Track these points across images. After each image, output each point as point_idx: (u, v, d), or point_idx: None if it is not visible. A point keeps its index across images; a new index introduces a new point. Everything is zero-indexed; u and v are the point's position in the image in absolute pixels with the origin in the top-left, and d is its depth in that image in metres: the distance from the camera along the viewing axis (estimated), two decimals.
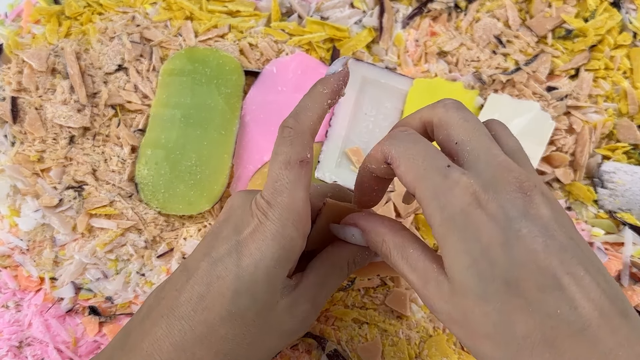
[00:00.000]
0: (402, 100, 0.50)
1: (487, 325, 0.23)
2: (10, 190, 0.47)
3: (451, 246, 0.24)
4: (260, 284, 0.27)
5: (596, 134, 0.49)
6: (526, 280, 0.22)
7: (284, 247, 0.27)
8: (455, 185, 0.24)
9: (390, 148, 0.27)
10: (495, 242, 0.23)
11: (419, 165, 0.25)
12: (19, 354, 0.43)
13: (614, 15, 0.51)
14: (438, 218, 0.24)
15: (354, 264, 0.32)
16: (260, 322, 0.28)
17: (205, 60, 0.49)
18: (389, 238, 0.28)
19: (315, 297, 0.30)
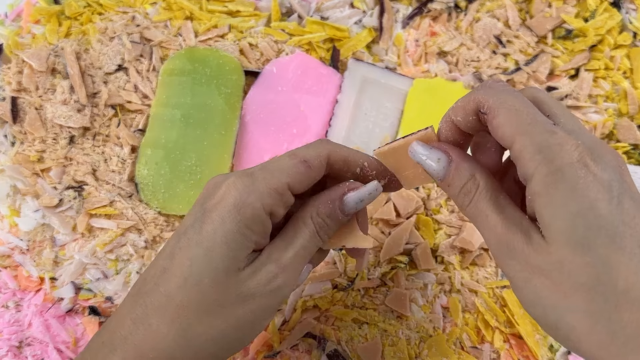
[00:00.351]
0: (402, 100, 0.50)
1: (587, 275, 0.22)
2: (10, 190, 0.47)
3: (558, 196, 0.23)
4: (218, 249, 0.26)
5: (596, 134, 0.49)
6: (630, 237, 0.22)
7: (245, 214, 0.27)
8: (565, 142, 0.23)
9: (487, 97, 0.25)
10: (601, 198, 0.23)
11: (523, 118, 0.24)
12: (19, 354, 0.43)
13: (614, 15, 0.51)
14: (544, 170, 0.23)
15: (318, 217, 0.29)
16: (220, 289, 0.27)
17: (205, 60, 0.49)
18: (482, 175, 0.27)
19: (281, 258, 0.28)
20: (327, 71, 0.50)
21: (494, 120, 0.25)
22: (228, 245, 0.27)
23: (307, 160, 0.29)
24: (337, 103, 0.49)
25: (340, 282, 0.45)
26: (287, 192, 0.28)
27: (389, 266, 0.45)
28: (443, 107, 0.49)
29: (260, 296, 0.28)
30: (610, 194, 0.23)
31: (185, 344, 0.26)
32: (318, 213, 0.29)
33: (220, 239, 0.27)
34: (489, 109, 0.25)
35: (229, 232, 0.27)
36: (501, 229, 0.25)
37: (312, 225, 0.29)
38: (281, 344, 0.43)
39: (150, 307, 0.27)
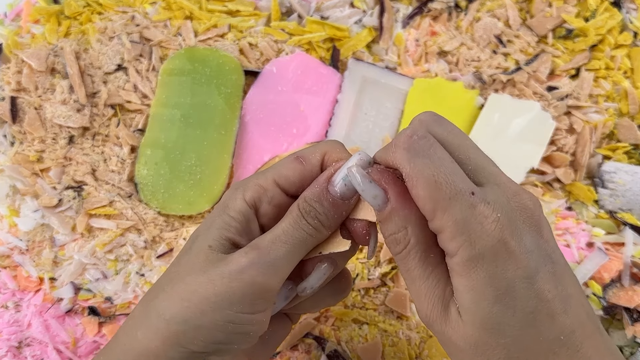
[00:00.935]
0: (402, 100, 0.50)
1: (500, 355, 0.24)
2: (9, 190, 0.47)
3: (477, 282, 0.23)
4: (201, 235, 0.27)
5: (597, 134, 0.49)
6: (540, 311, 0.23)
7: (228, 205, 0.27)
8: (485, 219, 0.23)
9: (404, 163, 0.24)
10: (519, 277, 0.23)
11: (443, 191, 0.23)
12: (18, 354, 0.43)
13: (615, 15, 0.51)
14: (466, 253, 0.23)
15: (304, 202, 0.27)
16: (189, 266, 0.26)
17: (205, 60, 0.49)
18: (415, 231, 0.25)
19: (258, 242, 0.26)
20: (327, 71, 0.50)
21: (413, 190, 0.24)
22: (205, 226, 0.27)
23: (300, 156, 0.28)
24: (337, 103, 0.49)
25: None
26: (272, 187, 0.27)
27: (389, 266, 0.45)
28: (443, 107, 0.49)
29: (229, 277, 0.25)
30: (527, 273, 0.23)
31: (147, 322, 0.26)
32: (304, 198, 0.27)
33: (203, 223, 0.28)
34: (407, 176, 0.24)
35: (211, 215, 0.28)
36: (424, 298, 0.25)
37: (296, 210, 0.27)
38: (281, 344, 0.43)
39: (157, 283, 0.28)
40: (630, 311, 0.43)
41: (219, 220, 0.27)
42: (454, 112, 0.49)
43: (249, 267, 0.25)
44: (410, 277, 0.26)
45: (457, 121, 0.49)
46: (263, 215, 0.28)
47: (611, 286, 0.44)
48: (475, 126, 0.48)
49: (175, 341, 0.25)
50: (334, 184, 0.27)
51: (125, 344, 0.26)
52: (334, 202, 0.27)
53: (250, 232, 0.27)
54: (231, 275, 0.25)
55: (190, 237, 0.28)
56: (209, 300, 0.25)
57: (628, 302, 0.43)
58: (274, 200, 0.28)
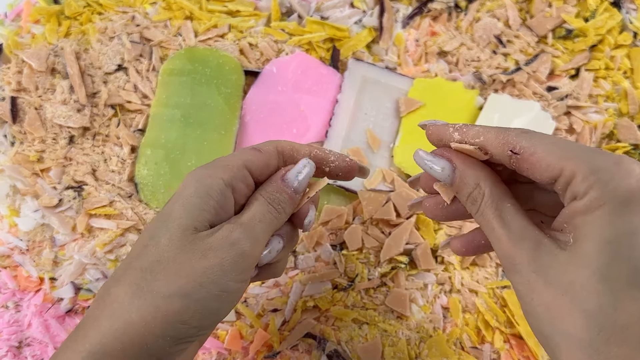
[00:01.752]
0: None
1: (593, 303, 0.22)
2: (9, 190, 0.47)
3: (599, 218, 0.22)
4: (175, 213, 0.28)
5: (596, 134, 0.49)
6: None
7: (204, 182, 0.29)
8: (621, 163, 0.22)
9: (519, 138, 0.25)
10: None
11: (566, 146, 0.23)
12: (18, 354, 0.43)
13: (615, 15, 0.51)
14: (597, 191, 0.22)
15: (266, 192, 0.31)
16: (176, 246, 0.27)
17: (205, 60, 0.49)
18: (488, 183, 0.26)
19: (239, 218, 0.29)
20: (327, 71, 0.50)
21: (532, 157, 0.24)
22: (184, 208, 0.28)
23: (258, 147, 0.31)
24: (337, 103, 0.49)
25: (340, 282, 0.44)
26: (243, 170, 0.30)
27: (389, 266, 0.45)
28: (443, 107, 0.49)
29: (220, 249, 0.27)
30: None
31: (143, 302, 0.26)
32: (265, 189, 0.31)
33: (178, 205, 0.28)
34: (522, 148, 0.24)
35: (186, 197, 0.28)
36: (506, 242, 0.25)
37: (261, 197, 0.30)
38: (281, 344, 0.43)
39: (112, 280, 0.28)
40: None
41: (199, 202, 0.28)
42: (454, 112, 0.49)
43: (238, 240, 0.28)
44: (490, 227, 0.25)
45: (457, 121, 0.49)
46: (237, 192, 0.30)
47: None
48: None
49: (177, 318, 0.26)
50: (288, 178, 0.31)
51: (117, 329, 0.26)
52: (290, 195, 0.31)
53: (225, 210, 0.29)
54: (223, 248, 0.27)
55: (159, 218, 0.29)
56: (205, 273, 0.27)
57: None
58: (245, 180, 0.30)
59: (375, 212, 0.46)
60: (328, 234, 0.46)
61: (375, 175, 0.48)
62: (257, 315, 0.44)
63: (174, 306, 0.26)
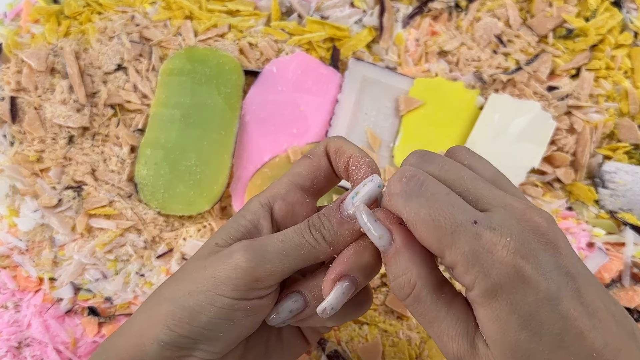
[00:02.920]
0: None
1: None
2: (9, 190, 0.47)
3: (500, 311, 0.23)
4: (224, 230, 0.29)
5: (597, 133, 0.49)
6: (568, 331, 0.22)
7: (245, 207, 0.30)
8: (493, 247, 0.23)
9: (401, 209, 0.24)
10: (541, 300, 0.23)
11: (444, 228, 0.23)
12: (18, 354, 0.43)
13: (615, 15, 0.51)
14: (482, 285, 0.23)
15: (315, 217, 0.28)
16: (194, 258, 0.29)
17: (204, 60, 0.49)
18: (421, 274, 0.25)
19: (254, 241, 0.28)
20: (327, 71, 0.50)
21: (415, 233, 0.24)
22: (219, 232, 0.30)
23: (308, 153, 0.30)
24: (337, 103, 0.49)
25: None
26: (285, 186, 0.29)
27: None
28: (443, 107, 0.49)
29: (217, 261, 0.27)
30: (548, 295, 0.22)
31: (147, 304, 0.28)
32: (317, 214, 0.28)
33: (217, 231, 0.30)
34: (407, 222, 0.24)
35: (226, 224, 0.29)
36: (447, 339, 0.25)
37: (305, 221, 0.28)
38: None
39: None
40: (631, 311, 0.43)
41: (231, 222, 0.29)
42: (454, 112, 0.49)
43: (236, 251, 0.26)
44: (427, 321, 0.25)
45: (458, 121, 0.49)
46: (277, 211, 0.29)
47: (612, 286, 0.44)
48: (475, 126, 0.48)
49: (164, 322, 0.26)
50: (346, 201, 0.27)
51: (129, 329, 0.28)
52: (339, 220, 0.27)
53: (259, 230, 0.28)
54: (220, 259, 0.27)
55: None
56: (196, 281, 0.27)
57: (628, 302, 0.43)
58: (288, 197, 0.29)
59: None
60: None
61: None
62: None
63: (162, 309, 0.27)
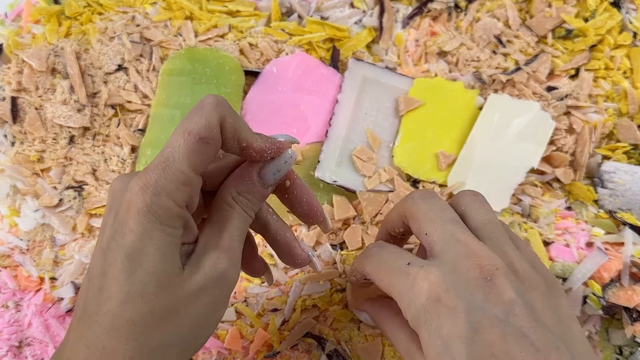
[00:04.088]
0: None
1: None
2: (10, 190, 0.47)
3: (422, 339, 0.26)
4: (150, 257, 0.25)
5: (596, 133, 0.49)
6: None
7: (161, 215, 0.25)
8: (414, 281, 0.26)
9: (363, 266, 0.31)
10: (455, 336, 0.24)
11: (387, 271, 0.29)
12: (18, 354, 0.43)
13: (614, 15, 0.51)
14: (409, 315, 0.26)
15: (240, 196, 0.28)
16: (166, 294, 0.25)
17: (205, 60, 0.49)
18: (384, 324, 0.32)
19: (219, 243, 0.27)
20: (327, 71, 0.50)
21: (374, 281, 0.30)
22: (158, 249, 0.25)
23: (204, 137, 0.25)
24: (337, 103, 0.49)
25: (340, 282, 0.45)
26: (193, 178, 0.26)
27: None
28: (443, 107, 0.49)
29: (211, 286, 0.27)
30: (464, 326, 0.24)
31: (146, 358, 0.25)
32: (239, 192, 0.28)
33: (149, 246, 0.25)
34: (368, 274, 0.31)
35: (153, 236, 0.25)
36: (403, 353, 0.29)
37: (236, 205, 0.28)
38: (281, 344, 0.43)
39: (99, 330, 0.25)
40: (630, 311, 0.43)
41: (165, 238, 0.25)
42: (454, 112, 0.49)
43: (226, 272, 0.27)
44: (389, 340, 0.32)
45: (457, 121, 0.49)
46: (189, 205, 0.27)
47: (610, 286, 0.44)
48: (475, 126, 0.48)
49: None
50: (265, 176, 0.29)
51: None
52: (263, 194, 0.29)
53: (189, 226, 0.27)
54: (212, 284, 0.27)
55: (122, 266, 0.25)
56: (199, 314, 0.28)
57: (627, 302, 0.43)
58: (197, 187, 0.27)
59: (374, 212, 0.46)
60: (328, 234, 0.46)
61: (375, 175, 0.48)
62: (257, 314, 0.44)
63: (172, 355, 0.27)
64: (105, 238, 0.26)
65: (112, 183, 0.28)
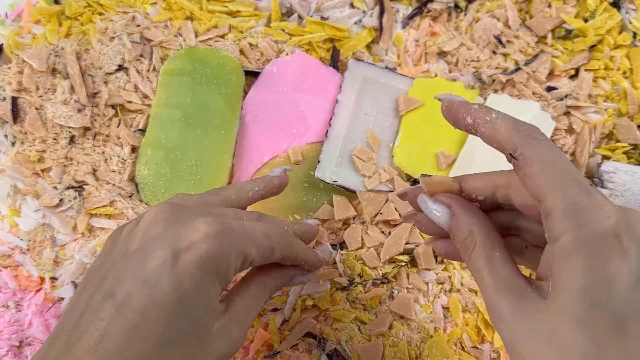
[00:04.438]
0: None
1: (574, 352, 0.22)
2: (10, 190, 0.47)
3: (574, 264, 0.22)
4: (198, 306, 0.26)
5: (596, 134, 0.49)
6: (635, 324, 0.22)
7: (221, 270, 0.27)
8: (600, 207, 0.22)
9: (523, 143, 0.24)
10: (620, 276, 0.22)
11: (559, 173, 0.23)
12: (19, 353, 0.43)
13: (614, 15, 0.51)
14: (571, 234, 0.22)
15: (274, 288, 0.33)
16: (198, 346, 0.26)
17: (205, 60, 0.49)
18: (480, 233, 0.27)
19: (244, 321, 0.31)
20: (327, 71, 0.50)
21: (527, 168, 0.24)
22: (205, 300, 0.26)
23: (275, 249, 0.30)
24: (337, 103, 0.49)
25: (340, 281, 0.45)
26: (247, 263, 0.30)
27: (390, 266, 0.45)
28: None
29: (228, 356, 0.29)
30: (631, 274, 0.22)
31: None
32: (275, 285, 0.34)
33: (199, 294, 0.26)
34: (521, 155, 0.24)
35: (207, 287, 0.26)
36: (492, 291, 0.25)
37: (270, 293, 0.33)
38: (281, 343, 0.43)
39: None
40: None
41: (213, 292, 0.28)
42: None
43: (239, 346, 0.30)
44: (479, 275, 0.26)
45: None
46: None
47: None
48: None
49: None
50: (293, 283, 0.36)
51: None
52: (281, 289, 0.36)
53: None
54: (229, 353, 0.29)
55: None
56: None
57: None
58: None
59: (374, 212, 0.46)
60: (328, 233, 0.46)
61: (375, 175, 0.48)
62: (257, 314, 0.44)
63: None
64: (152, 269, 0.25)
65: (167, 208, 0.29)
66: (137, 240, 0.27)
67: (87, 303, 0.26)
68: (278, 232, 0.31)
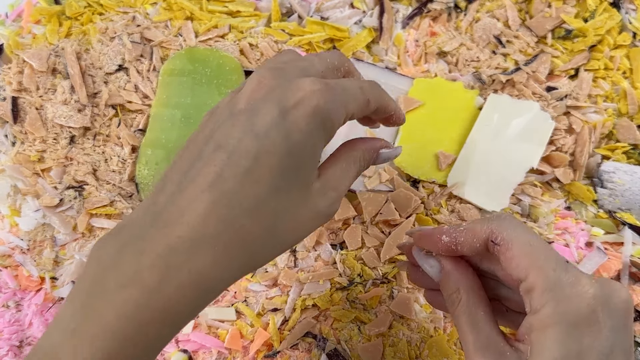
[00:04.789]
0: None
1: None
2: (10, 190, 0.47)
3: (551, 336, 0.24)
4: (306, 160, 0.26)
5: (596, 133, 0.49)
6: None
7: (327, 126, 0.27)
8: (578, 281, 0.25)
9: (501, 229, 0.27)
10: (592, 350, 0.24)
11: (538, 253, 0.26)
12: (19, 353, 0.43)
13: (614, 16, 0.52)
14: (549, 308, 0.24)
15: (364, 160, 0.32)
16: (302, 198, 0.27)
17: (205, 61, 0.49)
18: (466, 291, 0.29)
19: (339, 187, 0.29)
20: None
21: (508, 252, 0.26)
22: (313, 156, 0.27)
23: (370, 101, 0.30)
24: None
25: (340, 281, 0.45)
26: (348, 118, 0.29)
27: (390, 265, 0.45)
28: (443, 107, 0.49)
29: (326, 216, 0.29)
30: (603, 350, 0.24)
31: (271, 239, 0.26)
32: (364, 157, 0.31)
33: (307, 147, 0.26)
34: (502, 240, 0.27)
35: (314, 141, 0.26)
36: (472, 348, 0.27)
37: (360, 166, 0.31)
38: (281, 343, 0.43)
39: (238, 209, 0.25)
40: None
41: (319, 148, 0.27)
42: (454, 112, 0.49)
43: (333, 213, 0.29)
44: (462, 330, 0.28)
45: (457, 121, 0.49)
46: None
47: None
48: (474, 126, 0.48)
49: None
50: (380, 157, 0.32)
51: None
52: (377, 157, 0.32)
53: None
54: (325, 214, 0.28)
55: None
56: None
57: None
58: None
59: (374, 212, 0.46)
60: (328, 233, 0.47)
61: (375, 175, 0.48)
62: (257, 314, 0.44)
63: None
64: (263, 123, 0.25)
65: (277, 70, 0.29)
66: (244, 102, 0.27)
67: (197, 154, 0.27)
68: (369, 85, 0.31)
